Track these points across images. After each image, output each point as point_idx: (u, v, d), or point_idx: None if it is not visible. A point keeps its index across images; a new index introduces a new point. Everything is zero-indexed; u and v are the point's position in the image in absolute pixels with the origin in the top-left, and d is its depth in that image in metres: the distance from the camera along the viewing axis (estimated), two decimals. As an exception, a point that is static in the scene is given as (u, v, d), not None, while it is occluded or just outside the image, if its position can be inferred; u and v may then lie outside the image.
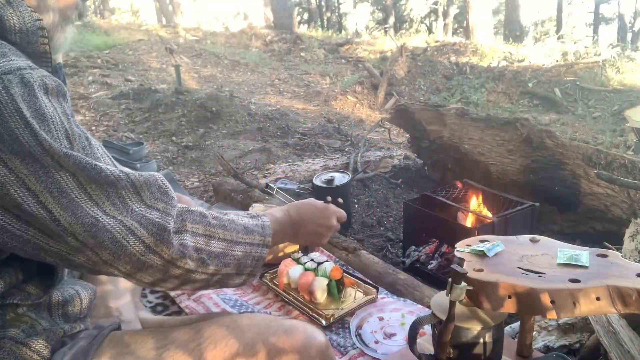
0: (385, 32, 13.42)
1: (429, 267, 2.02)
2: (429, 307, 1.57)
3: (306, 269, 1.79)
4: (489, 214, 2.05)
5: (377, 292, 1.64)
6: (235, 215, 0.92)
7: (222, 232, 0.85)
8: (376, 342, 1.44)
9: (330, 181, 2.48)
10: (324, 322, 1.52)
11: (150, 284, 0.79)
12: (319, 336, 0.84)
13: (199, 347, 0.79)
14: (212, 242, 0.83)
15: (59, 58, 0.98)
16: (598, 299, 0.85)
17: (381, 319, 1.53)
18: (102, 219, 0.72)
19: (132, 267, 0.75)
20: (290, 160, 3.69)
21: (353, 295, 1.64)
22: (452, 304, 0.91)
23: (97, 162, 0.74)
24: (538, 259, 1.00)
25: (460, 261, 1.00)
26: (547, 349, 1.33)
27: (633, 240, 1.67)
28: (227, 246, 0.85)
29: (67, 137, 0.72)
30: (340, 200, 1.20)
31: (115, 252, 0.73)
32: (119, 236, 0.73)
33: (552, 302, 0.85)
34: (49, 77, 0.74)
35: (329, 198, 1.17)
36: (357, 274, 1.82)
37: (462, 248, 1.06)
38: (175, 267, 0.78)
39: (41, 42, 0.79)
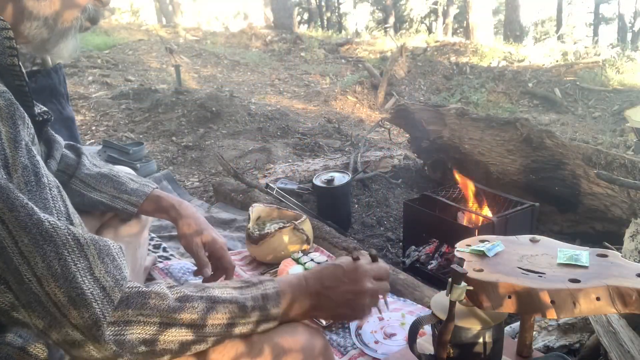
0: (385, 32, 13.42)
1: (429, 267, 2.02)
2: (429, 307, 1.57)
3: (306, 269, 1.79)
4: (489, 214, 2.05)
5: (377, 292, 1.64)
6: (220, 288, 0.76)
7: (186, 316, 0.70)
8: (376, 342, 1.44)
9: (330, 181, 2.48)
10: (324, 322, 1.52)
11: None
12: (319, 336, 0.84)
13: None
14: (169, 331, 0.69)
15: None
16: (598, 299, 0.85)
17: (381, 319, 1.53)
18: (30, 281, 0.61)
19: (67, 347, 0.64)
20: (290, 160, 3.69)
21: (353, 295, 1.64)
22: (452, 304, 0.91)
23: (30, 202, 0.62)
24: (538, 259, 1.00)
25: (460, 261, 1.00)
26: (547, 349, 1.33)
27: (633, 240, 1.67)
28: (194, 332, 0.71)
29: (5, 166, 0.62)
30: (373, 251, 0.94)
31: (45, 318, 0.63)
32: (46, 304, 0.61)
33: (552, 302, 0.85)
34: (1, 95, 0.64)
35: (361, 253, 0.92)
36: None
37: (462, 248, 1.06)
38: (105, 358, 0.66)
39: (8, 54, 0.72)
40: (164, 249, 2.11)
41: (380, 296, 0.90)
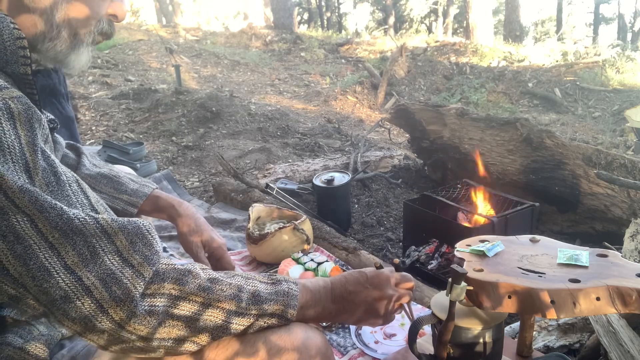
0: (385, 32, 13.42)
1: (429, 267, 2.02)
2: (429, 307, 1.57)
3: (306, 269, 1.79)
4: (489, 214, 2.05)
5: (377, 292, 1.64)
6: (245, 279, 0.79)
7: (214, 297, 0.73)
8: (376, 342, 1.44)
9: (330, 181, 2.48)
10: (323, 322, 1.51)
11: (102, 347, 0.70)
12: (318, 335, 0.83)
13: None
14: (197, 309, 0.72)
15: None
16: (598, 299, 0.85)
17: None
18: (58, 273, 0.64)
19: (83, 328, 0.66)
20: (290, 160, 3.69)
21: (353, 295, 1.64)
22: (452, 304, 0.91)
23: (58, 202, 0.65)
24: (538, 259, 1.00)
25: (460, 261, 1.00)
26: (547, 349, 1.33)
27: (633, 240, 1.67)
28: (221, 315, 0.74)
29: (26, 170, 0.64)
30: (397, 260, 1.00)
31: (66, 312, 0.65)
32: (73, 296, 0.64)
33: (552, 302, 0.85)
34: (18, 100, 0.66)
35: (382, 263, 0.96)
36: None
37: (462, 248, 1.06)
38: (135, 336, 0.68)
39: (22, 63, 0.73)
40: (164, 249, 2.11)
41: (405, 302, 0.95)
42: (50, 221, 0.64)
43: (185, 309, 0.71)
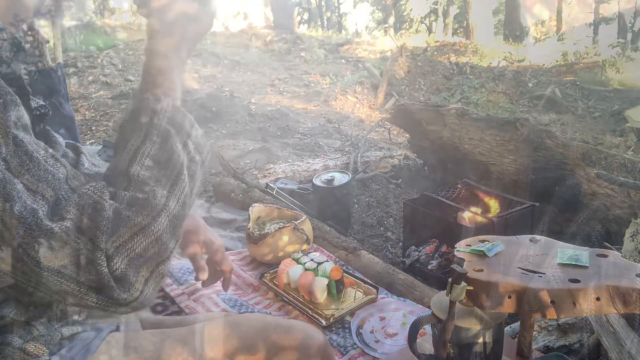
0: (385, 32, 13.42)
1: (429, 267, 2.02)
2: (429, 307, 1.57)
3: (306, 269, 1.79)
4: (489, 214, 2.05)
5: (377, 292, 1.64)
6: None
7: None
8: (377, 341, 1.44)
9: (330, 181, 2.48)
10: (323, 322, 1.51)
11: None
12: (318, 335, 0.84)
13: (199, 346, 0.79)
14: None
15: (59, 58, 0.94)
16: (598, 299, 0.85)
17: (382, 318, 1.53)
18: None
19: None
20: (290, 160, 3.69)
21: (353, 295, 1.64)
22: (452, 303, 0.91)
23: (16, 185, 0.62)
24: (538, 259, 1.00)
25: (460, 261, 1.00)
26: (547, 349, 1.33)
27: (633, 240, 1.67)
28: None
29: None
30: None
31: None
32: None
33: (552, 302, 0.85)
34: None
35: None
36: (357, 274, 1.82)
37: (462, 248, 1.06)
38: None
39: None
40: (164, 249, 2.10)
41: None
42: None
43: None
